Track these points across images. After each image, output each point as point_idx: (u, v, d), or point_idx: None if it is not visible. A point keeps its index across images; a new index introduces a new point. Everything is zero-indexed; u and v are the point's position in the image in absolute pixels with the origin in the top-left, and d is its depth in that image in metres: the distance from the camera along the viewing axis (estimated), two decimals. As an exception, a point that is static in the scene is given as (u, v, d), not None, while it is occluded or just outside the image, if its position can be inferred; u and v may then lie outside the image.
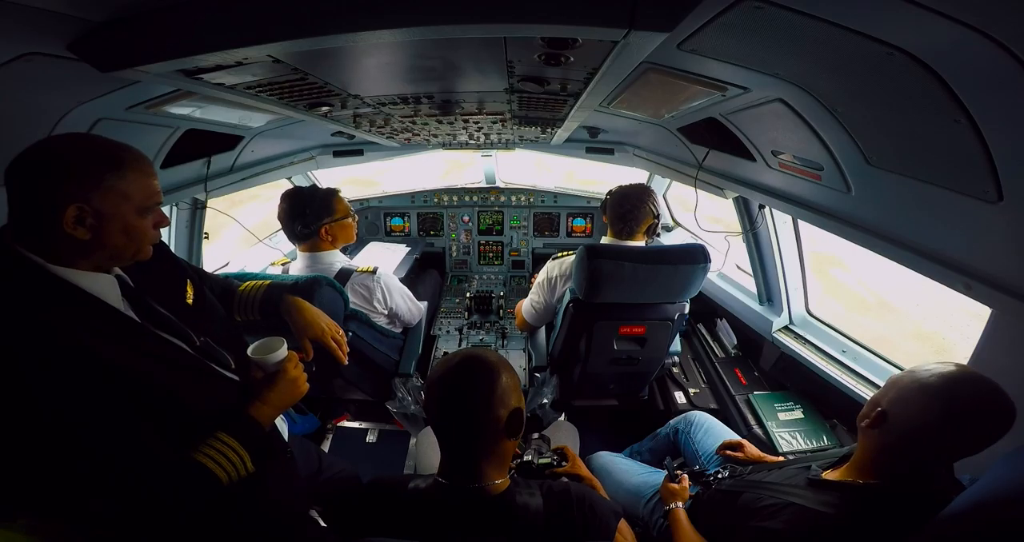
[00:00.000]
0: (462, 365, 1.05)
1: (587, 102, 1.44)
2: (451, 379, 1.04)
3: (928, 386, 1.03)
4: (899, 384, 1.10)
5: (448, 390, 1.04)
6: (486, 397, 1.01)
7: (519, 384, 1.09)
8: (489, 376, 1.03)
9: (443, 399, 1.04)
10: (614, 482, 1.93)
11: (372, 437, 2.72)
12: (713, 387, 2.62)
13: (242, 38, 0.84)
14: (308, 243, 2.10)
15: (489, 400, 1.01)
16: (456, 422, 1.05)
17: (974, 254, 1.17)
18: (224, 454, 1.00)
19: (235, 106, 1.57)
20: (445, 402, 1.04)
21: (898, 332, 6.50)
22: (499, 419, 1.02)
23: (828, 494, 1.17)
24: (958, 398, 1.00)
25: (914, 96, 0.93)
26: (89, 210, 0.85)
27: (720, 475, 1.64)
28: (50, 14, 0.81)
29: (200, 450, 0.98)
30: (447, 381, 1.05)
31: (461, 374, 1.04)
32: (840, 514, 1.11)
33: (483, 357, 1.07)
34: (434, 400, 1.06)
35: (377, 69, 1.21)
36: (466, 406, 1.02)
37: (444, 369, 1.06)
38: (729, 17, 0.84)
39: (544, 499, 1.10)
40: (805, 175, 1.57)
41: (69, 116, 1.26)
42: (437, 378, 1.07)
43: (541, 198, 3.69)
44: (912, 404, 1.05)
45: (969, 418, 0.99)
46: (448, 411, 1.05)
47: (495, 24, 0.77)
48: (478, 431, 1.03)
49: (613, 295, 1.93)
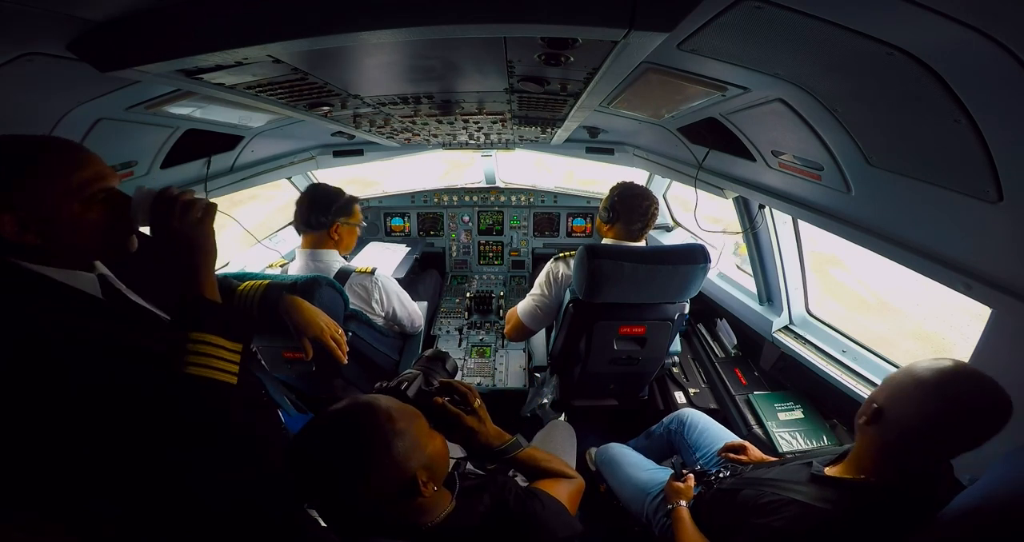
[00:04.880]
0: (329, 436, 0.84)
1: (587, 102, 1.44)
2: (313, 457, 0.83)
3: (924, 382, 1.04)
4: (895, 380, 1.10)
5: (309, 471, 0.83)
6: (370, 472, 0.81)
7: (418, 441, 0.88)
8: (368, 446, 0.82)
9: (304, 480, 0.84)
10: (623, 474, 1.93)
11: (372, 437, 2.72)
12: (713, 387, 2.62)
13: (242, 38, 0.84)
14: (315, 236, 2.12)
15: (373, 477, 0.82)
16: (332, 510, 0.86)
17: (974, 254, 1.17)
18: (211, 354, 0.91)
19: (235, 106, 1.57)
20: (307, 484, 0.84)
21: (898, 332, 6.50)
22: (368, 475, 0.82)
23: (828, 490, 1.17)
24: (953, 393, 1.00)
25: (914, 96, 0.93)
26: (25, 215, 0.80)
27: (722, 474, 1.64)
28: (50, 14, 0.81)
29: (188, 362, 0.89)
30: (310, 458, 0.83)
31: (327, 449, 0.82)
32: (840, 511, 1.12)
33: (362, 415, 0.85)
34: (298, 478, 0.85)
35: (377, 69, 1.21)
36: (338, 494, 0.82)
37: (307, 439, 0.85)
38: (729, 17, 0.84)
39: (482, 520, 0.99)
40: (805, 175, 1.57)
41: (69, 116, 1.26)
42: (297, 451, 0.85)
43: (541, 198, 3.69)
44: (908, 400, 1.05)
45: (965, 413, 0.99)
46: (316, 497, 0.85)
47: (495, 24, 0.77)
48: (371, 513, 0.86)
49: (613, 295, 1.93)
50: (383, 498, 0.84)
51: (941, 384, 1.02)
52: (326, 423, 0.86)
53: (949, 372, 1.02)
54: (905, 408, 1.06)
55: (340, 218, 2.10)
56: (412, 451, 0.85)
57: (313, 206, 2.07)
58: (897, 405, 1.07)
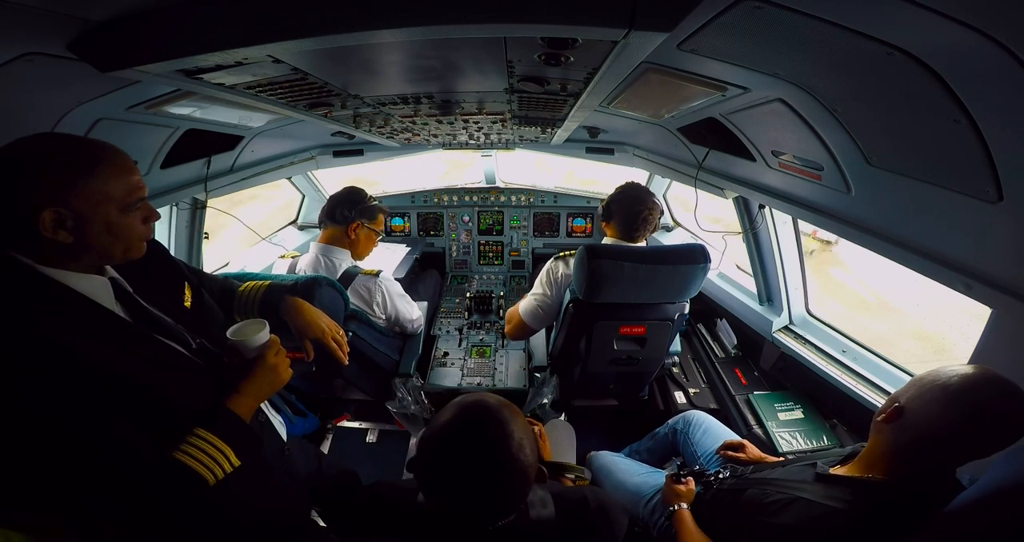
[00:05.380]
0: (469, 439, 0.87)
1: (587, 102, 1.44)
2: (459, 459, 0.86)
3: (949, 386, 1.03)
4: (921, 382, 1.10)
5: (457, 471, 0.87)
6: (507, 474, 0.86)
7: (531, 431, 0.94)
8: (504, 449, 0.86)
9: (451, 477, 0.88)
10: (614, 482, 1.93)
11: (372, 437, 2.72)
12: (713, 387, 2.62)
13: (242, 38, 0.84)
14: (333, 232, 2.18)
15: (517, 464, 0.86)
16: (470, 504, 0.90)
17: (974, 254, 1.17)
18: (204, 451, 0.95)
19: (235, 106, 1.57)
20: (454, 481, 0.88)
21: (898, 332, 6.50)
22: (522, 496, 0.92)
23: (838, 489, 1.17)
24: (978, 400, 0.99)
25: (914, 96, 0.93)
26: (67, 213, 0.82)
27: (721, 475, 1.64)
28: (50, 14, 0.81)
29: (180, 449, 0.94)
30: (453, 458, 0.87)
31: (471, 454, 0.86)
32: (850, 509, 1.11)
33: (492, 418, 0.89)
34: (437, 474, 0.89)
35: (377, 69, 1.21)
36: (482, 492, 0.87)
37: (445, 440, 0.89)
38: (729, 17, 0.84)
39: (557, 509, 1.06)
40: (805, 175, 1.57)
41: (69, 116, 1.26)
42: (438, 447, 0.89)
43: (541, 198, 3.69)
44: (931, 403, 1.05)
45: (988, 420, 0.99)
46: (459, 492, 0.89)
47: (495, 24, 0.77)
48: (499, 513, 0.93)
49: (613, 295, 1.93)
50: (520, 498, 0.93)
51: (967, 390, 1.01)
52: (461, 429, 0.90)
53: (976, 378, 1.01)
54: (927, 410, 1.05)
55: (362, 219, 2.17)
56: (526, 444, 0.91)
57: (342, 201, 2.16)
58: (919, 406, 1.07)
